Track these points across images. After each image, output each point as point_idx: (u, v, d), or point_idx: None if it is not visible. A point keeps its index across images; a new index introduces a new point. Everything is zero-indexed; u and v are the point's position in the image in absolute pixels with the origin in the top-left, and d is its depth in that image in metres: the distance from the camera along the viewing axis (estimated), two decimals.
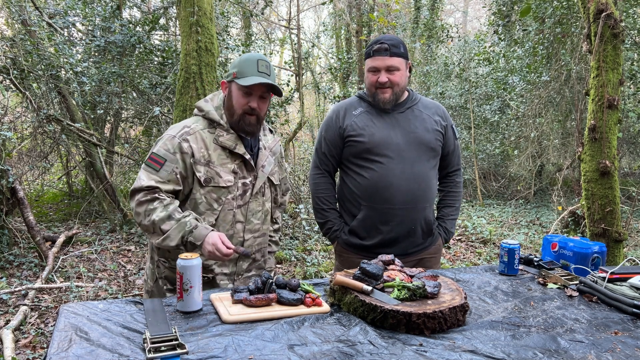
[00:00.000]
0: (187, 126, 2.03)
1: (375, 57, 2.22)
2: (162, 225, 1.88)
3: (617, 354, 1.36)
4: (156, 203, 1.91)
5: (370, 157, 2.23)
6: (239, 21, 10.60)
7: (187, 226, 1.87)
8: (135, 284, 4.54)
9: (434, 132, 2.29)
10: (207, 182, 1.99)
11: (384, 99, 2.23)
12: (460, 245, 6.30)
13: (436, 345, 1.39)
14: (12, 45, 5.87)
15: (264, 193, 2.15)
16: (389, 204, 2.21)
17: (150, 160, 1.98)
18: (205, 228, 1.89)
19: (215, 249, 1.85)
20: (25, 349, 3.29)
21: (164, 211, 1.89)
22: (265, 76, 1.98)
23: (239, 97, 2.01)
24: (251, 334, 1.41)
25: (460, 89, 9.80)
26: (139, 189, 1.94)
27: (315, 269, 4.93)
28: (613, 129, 3.66)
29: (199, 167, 1.98)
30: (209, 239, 1.86)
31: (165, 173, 1.96)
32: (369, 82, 2.26)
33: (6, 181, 4.78)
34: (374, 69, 2.23)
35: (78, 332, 1.38)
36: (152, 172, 1.96)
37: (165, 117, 6.71)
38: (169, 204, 1.91)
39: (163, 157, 1.97)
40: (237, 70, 2.00)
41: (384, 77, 2.20)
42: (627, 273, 1.82)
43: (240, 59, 2.03)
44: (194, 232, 1.87)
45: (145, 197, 1.92)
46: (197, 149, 1.99)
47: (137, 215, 1.94)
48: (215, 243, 1.85)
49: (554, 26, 7.11)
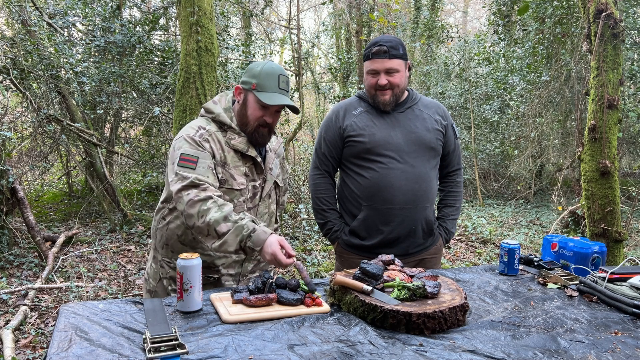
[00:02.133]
0: (203, 127, 1.97)
1: (374, 60, 2.19)
2: (218, 227, 1.77)
3: (617, 354, 1.36)
4: (210, 203, 1.79)
5: (370, 157, 2.22)
6: (239, 21, 10.60)
7: (244, 230, 1.77)
8: (135, 284, 4.54)
9: (434, 131, 2.29)
10: (221, 183, 1.96)
11: (384, 100, 2.23)
12: (460, 245, 6.30)
13: (436, 345, 1.39)
14: (12, 45, 5.88)
15: (270, 195, 2.15)
16: (390, 204, 2.20)
17: (183, 161, 1.88)
18: (264, 232, 1.78)
19: (274, 258, 1.75)
20: (25, 349, 3.29)
21: (219, 212, 1.78)
22: (285, 93, 1.96)
23: (255, 110, 1.97)
24: (251, 334, 1.41)
25: (460, 88, 9.80)
26: (188, 186, 1.82)
27: (315, 269, 4.93)
28: (613, 129, 3.66)
29: (218, 168, 1.95)
30: (267, 246, 1.75)
31: (202, 169, 1.88)
32: (368, 84, 2.25)
33: (6, 181, 4.78)
34: (373, 71, 2.21)
35: (78, 332, 1.38)
36: (190, 171, 1.87)
37: (165, 117, 6.71)
38: (223, 205, 1.81)
39: (194, 155, 1.89)
40: (257, 82, 1.95)
41: (383, 79, 2.18)
42: (627, 273, 1.82)
43: (262, 70, 1.96)
44: (252, 237, 1.76)
45: (197, 195, 1.80)
46: (216, 149, 1.95)
47: (189, 217, 1.81)
48: (275, 253, 1.74)
49: (554, 26, 7.11)
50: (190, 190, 1.82)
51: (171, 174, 1.91)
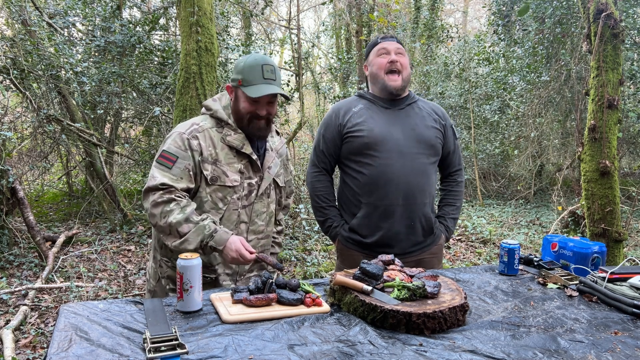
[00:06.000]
0: (196, 124, 2.02)
1: (384, 42, 2.30)
2: (180, 227, 1.84)
3: (617, 354, 1.36)
4: (173, 205, 1.87)
5: (369, 153, 2.23)
6: (239, 21, 10.60)
7: (206, 230, 1.85)
8: (135, 284, 4.54)
9: (433, 129, 2.31)
10: (213, 180, 1.98)
11: (395, 86, 2.26)
12: (460, 245, 6.30)
13: (436, 345, 1.39)
14: (12, 45, 5.88)
15: (269, 194, 2.15)
16: (389, 199, 2.21)
17: (162, 158, 1.95)
18: (226, 232, 1.86)
19: (238, 255, 1.83)
20: (25, 349, 3.29)
21: (181, 213, 1.85)
22: (271, 82, 1.97)
23: (246, 105, 1.99)
24: (251, 334, 1.41)
25: (460, 89, 9.79)
26: (153, 188, 1.90)
27: (315, 269, 4.93)
28: (613, 129, 3.66)
29: (206, 165, 1.97)
30: (230, 244, 1.84)
31: (177, 170, 1.93)
32: (378, 66, 2.29)
33: (6, 181, 4.78)
34: (384, 50, 2.28)
35: (78, 332, 1.38)
36: (165, 169, 1.93)
37: (165, 117, 6.71)
38: (185, 206, 1.88)
39: (174, 154, 1.94)
40: (242, 77, 1.97)
41: (394, 56, 2.26)
42: (627, 273, 1.82)
43: (245, 63, 1.98)
44: (214, 237, 1.84)
45: (161, 197, 1.88)
46: (206, 147, 1.98)
47: (152, 216, 1.90)
48: (239, 249, 1.83)
49: (554, 26, 7.11)
50: (155, 192, 1.90)
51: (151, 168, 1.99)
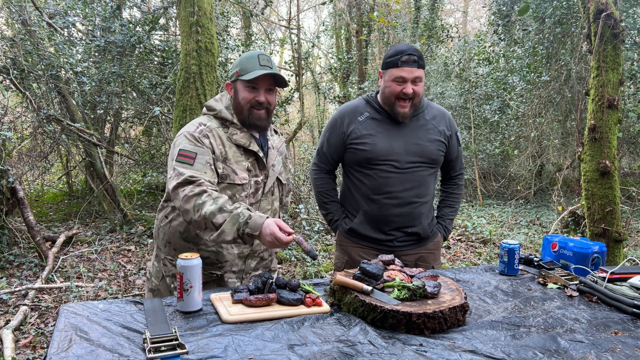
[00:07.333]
0: (203, 124, 2.02)
1: (404, 68, 2.16)
2: (214, 219, 1.78)
3: (617, 354, 1.36)
4: (205, 196, 1.82)
5: (370, 166, 2.26)
6: (239, 21, 10.60)
7: (240, 217, 1.78)
8: (135, 284, 4.54)
9: (437, 142, 2.31)
10: (223, 178, 1.97)
11: (403, 113, 2.22)
12: (460, 245, 6.30)
13: (436, 345, 1.39)
14: (12, 45, 5.88)
15: (273, 192, 2.16)
16: (387, 209, 2.26)
17: (181, 157, 1.91)
18: (260, 216, 1.79)
19: (274, 238, 1.76)
20: (25, 349, 3.29)
21: (214, 204, 1.80)
22: (267, 68, 1.99)
23: (245, 94, 2.01)
24: (251, 334, 1.41)
25: (460, 89, 9.79)
26: (183, 182, 1.85)
27: (315, 269, 4.93)
28: (613, 129, 3.66)
29: (218, 163, 1.97)
30: (265, 228, 1.76)
31: (200, 165, 1.91)
32: (390, 92, 2.21)
33: (6, 181, 4.78)
34: (401, 79, 2.17)
35: (78, 332, 1.38)
36: (187, 166, 1.90)
37: (165, 117, 6.71)
38: (218, 197, 1.83)
39: (192, 151, 1.92)
40: (239, 68, 2.01)
41: (409, 88, 2.17)
42: (627, 273, 1.82)
43: (241, 58, 2.05)
44: (249, 223, 1.77)
45: (192, 191, 1.83)
46: (216, 145, 1.98)
47: (185, 213, 1.84)
48: (273, 232, 1.75)
49: (554, 26, 7.11)
50: (185, 187, 1.86)
51: (170, 170, 1.95)
